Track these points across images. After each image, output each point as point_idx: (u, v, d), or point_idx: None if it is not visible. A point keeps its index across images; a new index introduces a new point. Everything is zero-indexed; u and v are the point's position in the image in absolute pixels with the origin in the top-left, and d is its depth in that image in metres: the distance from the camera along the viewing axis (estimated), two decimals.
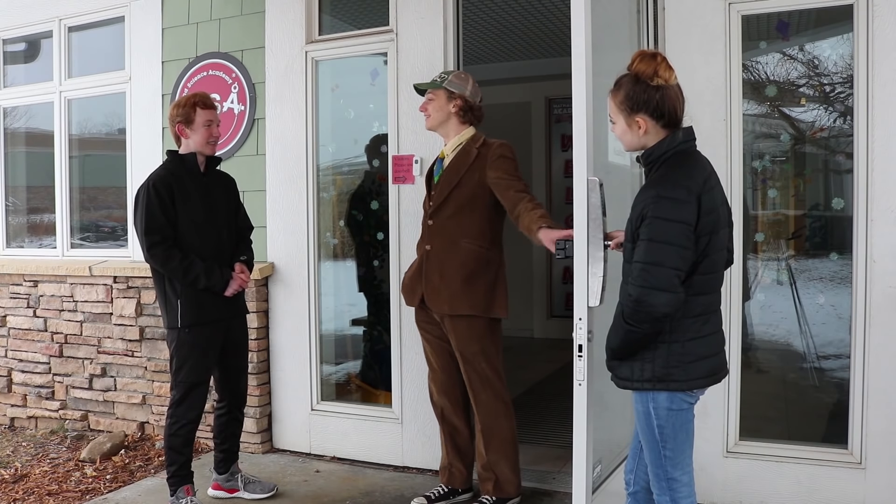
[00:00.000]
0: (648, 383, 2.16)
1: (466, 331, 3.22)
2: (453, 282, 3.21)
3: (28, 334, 4.92)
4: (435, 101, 3.30)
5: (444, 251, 3.25)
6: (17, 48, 5.32)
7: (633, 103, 2.17)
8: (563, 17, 5.56)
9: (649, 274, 2.06)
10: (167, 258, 3.24)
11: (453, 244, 3.24)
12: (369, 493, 3.65)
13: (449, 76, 3.32)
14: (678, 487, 2.21)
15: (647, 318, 2.08)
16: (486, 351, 3.24)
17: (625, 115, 2.21)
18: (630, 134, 2.22)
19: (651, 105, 2.16)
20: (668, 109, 2.16)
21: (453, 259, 3.22)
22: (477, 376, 3.24)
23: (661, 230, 2.06)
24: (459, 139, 3.31)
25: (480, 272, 3.22)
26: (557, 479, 3.65)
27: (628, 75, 2.20)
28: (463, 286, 3.20)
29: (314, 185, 4.20)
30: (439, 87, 3.29)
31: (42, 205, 5.27)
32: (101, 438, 4.37)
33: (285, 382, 4.27)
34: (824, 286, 3.32)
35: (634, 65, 2.18)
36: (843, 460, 3.14)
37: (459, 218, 3.23)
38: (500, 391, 3.28)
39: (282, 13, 4.22)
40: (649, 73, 2.15)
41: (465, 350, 3.24)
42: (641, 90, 2.16)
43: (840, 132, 3.29)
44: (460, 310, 3.20)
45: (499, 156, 3.21)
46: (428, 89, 3.34)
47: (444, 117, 3.30)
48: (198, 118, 3.32)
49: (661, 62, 2.16)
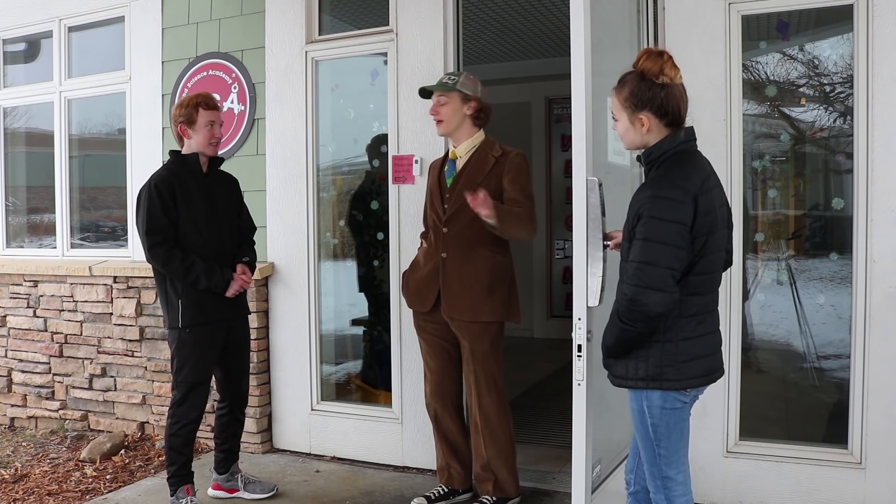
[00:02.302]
0: (642, 382, 2.17)
1: (481, 331, 3.23)
2: (475, 290, 3.20)
3: (28, 334, 4.92)
4: (449, 105, 3.23)
5: (463, 259, 3.22)
6: (17, 48, 5.32)
7: (638, 100, 2.17)
8: (563, 17, 5.56)
9: (644, 273, 2.06)
10: (168, 258, 3.24)
11: (472, 252, 3.22)
12: (369, 493, 3.65)
13: (460, 77, 3.26)
14: (673, 486, 2.22)
15: (641, 317, 2.08)
16: (495, 351, 3.27)
17: (628, 113, 2.20)
18: (633, 132, 2.22)
19: (655, 103, 2.16)
20: (672, 108, 2.16)
21: (474, 267, 3.21)
22: (484, 376, 3.25)
23: (656, 230, 2.06)
24: (473, 142, 3.29)
25: (500, 279, 3.24)
26: (557, 479, 3.65)
27: (633, 72, 2.20)
28: (485, 294, 3.20)
29: (314, 185, 4.20)
30: (452, 89, 3.22)
31: (42, 205, 5.27)
32: (101, 438, 4.38)
33: (285, 382, 4.28)
34: (824, 286, 3.32)
35: (640, 62, 2.17)
36: (843, 460, 3.14)
37: (477, 225, 3.15)
38: (503, 393, 3.30)
39: (282, 13, 4.22)
40: (655, 70, 2.15)
41: (478, 348, 3.24)
42: (646, 87, 2.16)
43: (840, 132, 3.29)
44: (482, 317, 3.20)
45: (517, 166, 3.21)
46: (437, 91, 3.25)
47: (460, 121, 3.25)
48: (200, 119, 3.32)
49: (668, 60, 2.16)
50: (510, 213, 3.10)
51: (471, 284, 3.21)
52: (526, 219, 3.14)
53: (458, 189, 3.23)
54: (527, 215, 3.15)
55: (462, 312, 3.23)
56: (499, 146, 3.29)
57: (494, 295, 3.21)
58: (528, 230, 3.16)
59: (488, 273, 3.21)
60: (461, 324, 3.24)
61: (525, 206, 3.16)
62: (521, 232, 3.14)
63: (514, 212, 3.12)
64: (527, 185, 3.23)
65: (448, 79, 3.29)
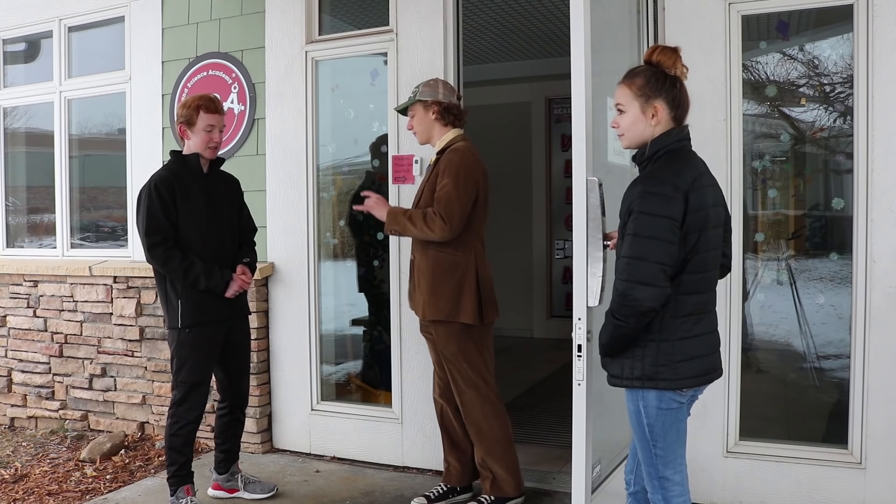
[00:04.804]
0: (638, 381, 2.17)
1: (444, 333, 3.27)
2: (424, 288, 3.27)
3: (28, 334, 4.92)
4: (416, 116, 3.36)
5: (420, 259, 3.31)
6: (17, 48, 5.32)
7: (653, 89, 2.18)
8: (563, 17, 5.56)
9: (634, 268, 2.07)
10: (168, 259, 3.24)
11: (424, 251, 3.29)
12: (369, 493, 3.65)
13: (419, 88, 3.35)
14: (670, 486, 2.22)
15: (633, 312, 2.08)
16: (464, 351, 3.26)
17: (641, 102, 2.20)
18: (642, 123, 2.21)
19: (671, 93, 2.18)
20: (683, 101, 2.20)
21: (424, 266, 3.28)
22: (459, 376, 3.28)
23: (646, 225, 2.07)
24: (441, 143, 3.34)
25: (445, 278, 3.24)
26: (557, 479, 3.65)
27: (646, 64, 2.22)
28: (430, 292, 3.25)
29: (314, 185, 4.20)
30: (414, 101, 3.34)
31: (42, 205, 5.27)
32: (101, 438, 4.38)
33: (285, 382, 4.28)
34: (824, 286, 3.32)
35: (655, 55, 2.20)
36: (843, 460, 3.14)
37: None
38: (486, 391, 3.29)
39: (282, 13, 4.22)
40: (669, 63, 2.18)
41: (444, 350, 3.29)
42: (662, 76, 2.19)
43: (840, 132, 3.29)
44: (430, 315, 3.26)
45: (447, 162, 3.22)
46: (408, 108, 3.38)
47: (429, 126, 3.34)
48: (199, 121, 3.31)
49: (680, 56, 2.21)
50: (402, 213, 3.22)
51: (422, 283, 3.28)
52: (419, 219, 3.16)
53: (419, 191, 3.35)
54: (425, 215, 3.15)
55: (417, 310, 3.34)
56: (448, 144, 3.30)
57: (438, 293, 3.23)
58: (426, 230, 3.15)
59: (430, 271, 3.25)
60: (427, 324, 3.33)
61: (436, 206, 3.16)
62: (417, 231, 3.18)
63: (410, 213, 3.21)
64: (448, 183, 3.16)
65: (411, 93, 3.40)
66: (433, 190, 3.24)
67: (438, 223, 3.14)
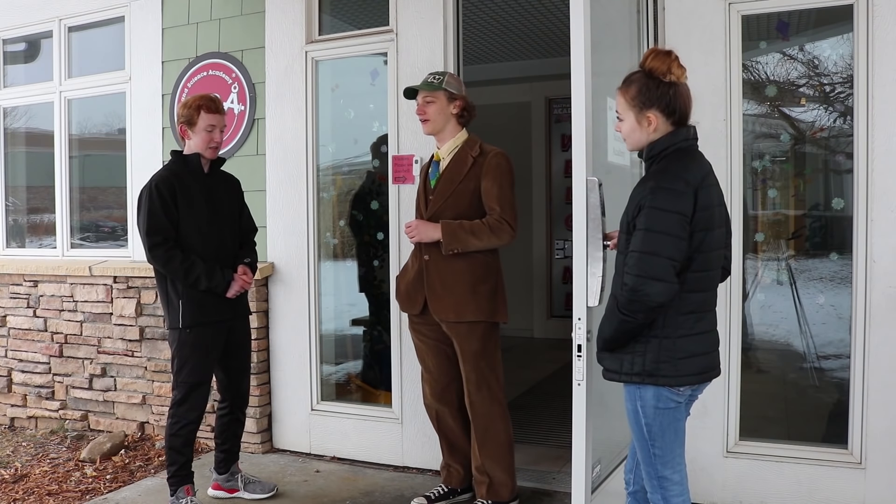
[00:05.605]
0: (637, 377, 2.17)
1: (468, 331, 3.22)
2: (457, 290, 3.20)
3: (28, 334, 4.92)
4: (435, 104, 3.22)
5: (443, 259, 3.21)
6: (17, 48, 5.32)
7: (646, 99, 2.18)
8: (563, 17, 5.56)
9: (645, 263, 2.07)
10: (168, 259, 3.24)
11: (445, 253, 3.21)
12: (369, 493, 3.65)
13: (444, 77, 3.25)
14: (669, 486, 2.23)
15: (642, 307, 2.08)
16: (486, 350, 3.24)
17: (636, 111, 2.20)
18: (639, 131, 2.22)
19: (663, 101, 2.17)
20: (679, 106, 2.18)
21: (455, 267, 3.20)
22: (475, 375, 3.23)
23: (657, 220, 2.07)
24: (455, 142, 3.27)
25: (483, 278, 3.22)
26: (557, 479, 3.65)
27: (640, 71, 2.21)
28: (467, 293, 3.19)
29: (314, 185, 4.20)
30: (439, 88, 3.21)
31: (42, 205, 5.27)
32: (101, 438, 4.38)
33: (285, 382, 4.28)
34: (824, 286, 3.32)
35: (648, 61, 2.18)
36: (843, 460, 3.14)
37: None
38: (497, 393, 3.27)
39: (282, 13, 4.22)
40: (663, 69, 2.16)
41: (467, 348, 3.23)
42: (654, 86, 2.17)
43: (840, 132, 3.29)
44: (465, 316, 3.19)
45: (495, 166, 3.17)
46: (423, 91, 3.24)
47: (445, 120, 3.24)
48: (200, 122, 3.30)
49: (675, 60, 2.18)
50: (461, 228, 3.11)
51: (452, 285, 3.20)
52: (484, 230, 3.11)
53: (437, 191, 3.25)
54: (490, 225, 3.12)
55: (446, 313, 3.22)
56: (479, 146, 3.25)
57: (477, 294, 3.19)
58: (494, 240, 3.13)
59: (470, 272, 3.20)
60: (449, 325, 3.25)
61: (496, 212, 3.14)
62: (484, 243, 3.14)
63: (469, 226, 3.12)
64: (504, 187, 3.17)
65: (433, 78, 3.26)
66: (470, 192, 3.15)
67: (507, 230, 3.12)
